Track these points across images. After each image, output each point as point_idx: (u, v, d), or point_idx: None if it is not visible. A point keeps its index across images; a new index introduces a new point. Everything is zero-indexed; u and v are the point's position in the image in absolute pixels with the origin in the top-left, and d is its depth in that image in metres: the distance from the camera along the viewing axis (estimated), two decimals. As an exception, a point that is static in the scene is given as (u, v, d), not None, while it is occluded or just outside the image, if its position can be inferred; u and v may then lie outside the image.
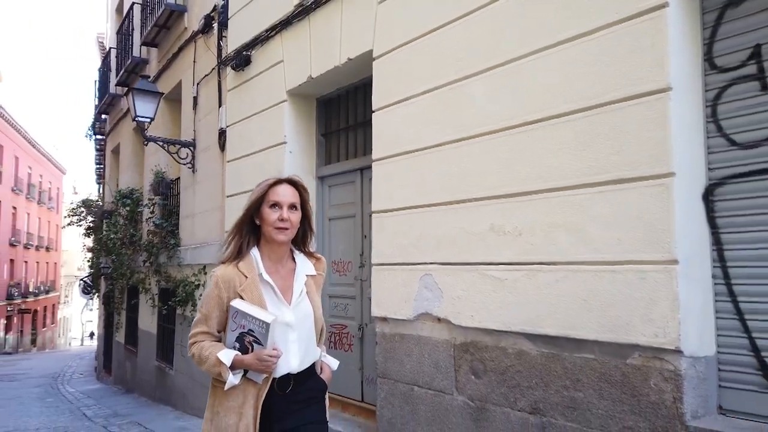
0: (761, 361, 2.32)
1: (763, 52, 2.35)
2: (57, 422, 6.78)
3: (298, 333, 2.06)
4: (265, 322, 1.93)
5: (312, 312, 2.12)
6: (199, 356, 2.03)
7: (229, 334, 2.02)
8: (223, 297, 2.02)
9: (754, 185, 2.35)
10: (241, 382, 1.99)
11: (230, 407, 1.99)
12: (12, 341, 29.38)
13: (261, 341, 1.95)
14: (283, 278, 2.10)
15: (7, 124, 28.32)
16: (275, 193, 2.05)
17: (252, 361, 1.95)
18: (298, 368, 2.05)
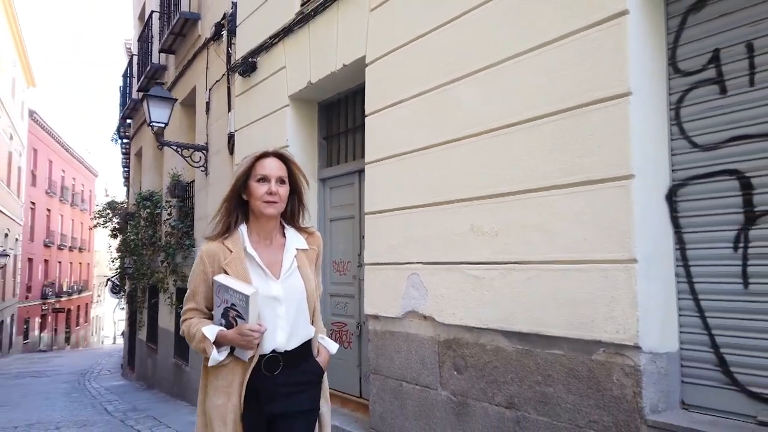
0: (721, 358, 2.38)
1: (721, 56, 2.41)
2: (78, 416, 7.09)
3: (287, 307, 1.98)
4: (244, 295, 1.85)
5: (303, 287, 2.04)
6: (188, 333, 1.98)
7: (216, 310, 1.97)
8: (208, 272, 1.97)
9: (714, 186, 2.42)
10: (229, 360, 1.92)
11: (218, 387, 1.94)
12: (47, 339, 30.31)
13: (243, 315, 1.87)
14: (272, 253, 2.03)
15: (41, 128, 29.23)
16: (262, 166, 1.98)
17: (234, 336, 1.87)
18: (286, 345, 1.97)
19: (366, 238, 4.03)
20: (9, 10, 21.01)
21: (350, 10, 4.30)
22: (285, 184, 2.02)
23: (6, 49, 21.30)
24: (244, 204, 2.04)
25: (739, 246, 2.34)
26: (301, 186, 2.10)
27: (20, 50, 24.09)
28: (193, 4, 7.76)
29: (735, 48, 2.37)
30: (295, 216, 2.13)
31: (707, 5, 2.47)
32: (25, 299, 26.40)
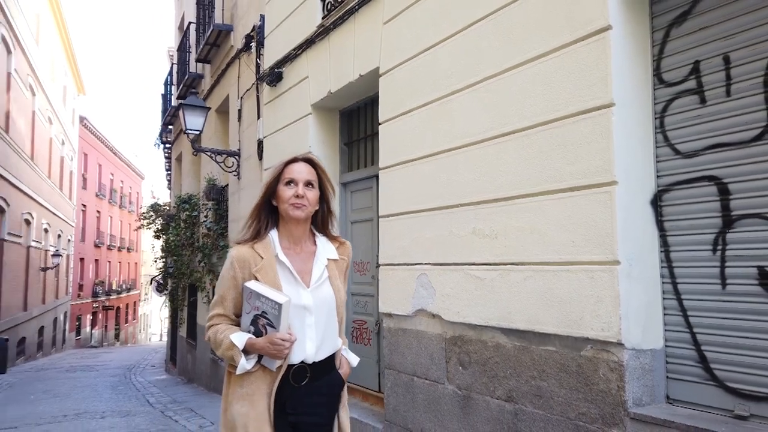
0: (701, 355, 2.50)
1: (701, 67, 2.53)
2: (122, 407, 7.55)
3: (316, 317, 1.95)
4: (277, 303, 1.82)
5: (333, 297, 2.02)
6: (215, 339, 1.94)
7: (244, 316, 1.93)
8: (238, 277, 1.93)
9: (695, 191, 2.54)
10: (256, 369, 1.89)
11: (242, 395, 1.89)
12: (97, 336, 31.64)
13: (274, 324, 1.84)
14: (302, 261, 2.00)
15: (91, 134, 30.54)
16: (290, 170, 1.98)
17: (264, 345, 1.83)
18: (315, 356, 1.95)
19: (380, 240, 4.25)
20: (60, 22, 22.09)
21: (365, 23, 4.53)
22: (314, 188, 2.00)
23: (58, 60, 22.39)
24: (274, 210, 2.03)
25: (717, 248, 2.46)
26: (329, 193, 2.07)
27: (71, 59, 25.27)
28: (226, 16, 8.13)
29: (713, 60, 2.49)
30: (326, 223, 2.10)
31: (688, 19, 2.59)
32: (77, 297, 27.63)
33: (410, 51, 3.95)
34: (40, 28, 18.73)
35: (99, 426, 6.11)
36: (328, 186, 2.07)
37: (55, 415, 6.88)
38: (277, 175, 2.00)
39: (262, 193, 2.03)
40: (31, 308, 17.82)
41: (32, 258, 17.71)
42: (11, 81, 14.77)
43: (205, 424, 5.96)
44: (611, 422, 2.55)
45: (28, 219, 17.13)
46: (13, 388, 10.18)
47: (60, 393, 9.28)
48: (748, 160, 2.36)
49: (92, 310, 30.88)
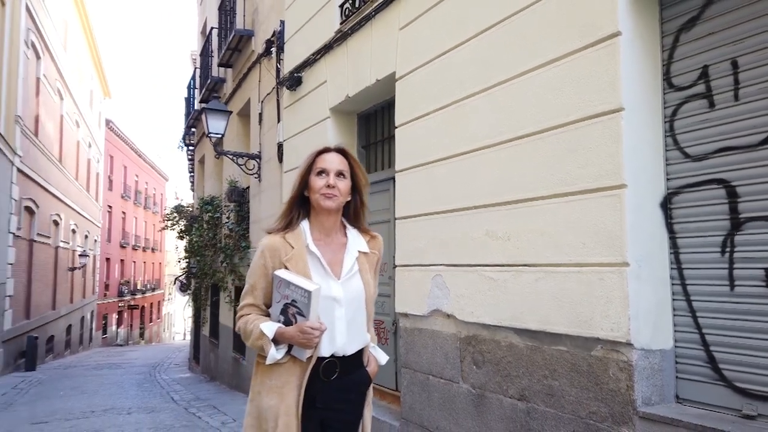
0: (710, 355, 2.54)
1: (710, 72, 2.57)
2: (148, 403, 7.76)
3: (346, 310, 1.94)
4: (307, 291, 1.81)
5: (363, 291, 2.00)
6: (245, 330, 1.94)
7: (274, 306, 1.93)
8: (269, 266, 1.93)
9: (704, 194, 2.58)
10: (285, 359, 1.88)
11: (272, 387, 1.89)
12: (123, 334, 32.24)
13: (304, 312, 1.83)
14: (333, 252, 1.99)
15: (116, 136, 31.15)
16: (322, 160, 1.96)
17: (294, 334, 1.82)
18: (344, 350, 1.94)
19: (396, 242, 4.34)
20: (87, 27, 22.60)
21: (382, 28, 4.62)
22: (345, 178, 1.98)
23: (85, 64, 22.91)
24: (306, 201, 2.01)
25: (726, 251, 2.49)
26: (362, 183, 2.04)
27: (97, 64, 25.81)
28: (248, 22, 8.29)
29: (721, 64, 2.52)
30: (358, 215, 2.08)
31: (697, 24, 2.63)
32: (103, 296, 28.19)
33: (425, 56, 4.03)
34: (68, 33, 19.20)
35: (126, 421, 6.29)
36: (361, 177, 2.03)
37: (83, 411, 7.10)
38: (309, 165, 1.98)
39: (296, 185, 1.99)
40: (60, 307, 18.27)
41: (60, 258, 18.16)
42: (40, 86, 15.18)
43: (228, 420, 6.11)
44: (621, 421, 2.60)
45: (57, 220, 17.58)
46: (42, 385, 10.49)
47: (88, 389, 9.54)
48: (756, 164, 2.39)
49: (118, 309, 31.46)
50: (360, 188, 2.04)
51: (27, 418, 6.82)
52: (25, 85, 13.38)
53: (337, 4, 5.40)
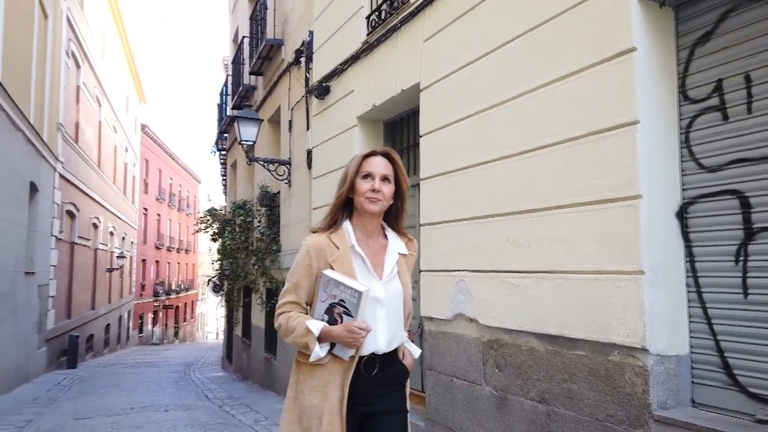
0: (725, 361, 2.61)
1: (724, 85, 2.64)
2: (183, 401, 8.05)
3: (387, 310, 1.99)
4: (358, 291, 1.85)
5: (402, 291, 2.05)
6: (286, 326, 1.96)
7: (319, 305, 1.95)
8: (314, 266, 1.96)
9: (719, 204, 2.65)
10: (327, 359, 1.92)
11: (314, 386, 1.92)
12: (158, 333, 33.05)
13: (351, 312, 1.87)
14: (374, 253, 2.03)
15: (151, 141, 31.97)
16: (368, 163, 2.00)
17: (341, 333, 1.86)
18: (385, 348, 1.99)
19: (421, 247, 4.47)
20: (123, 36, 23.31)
21: (407, 40, 4.76)
22: (390, 183, 2.03)
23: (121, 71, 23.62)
24: (349, 202, 2.05)
25: (739, 259, 2.56)
26: (404, 188, 2.09)
27: (133, 70, 26.57)
28: (278, 31, 8.52)
29: (735, 78, 2.59)
30: (399, 219, 2.14)
31: (711, 39, 2.70)
32: (139, 296, 28.96)
33: (449, 67, 4.15)
34: (106, 42, 19.85)
35: (163, 418, 6.57)
36: (404, 182, 2.09)
37: (123, 408, 7.41)
38: (356, 168, 2.01)
39: (343, 187, 2.03)
40: (99, 307, 18.89)
41: (99, 260, 18.78)
42: (80, 94, 15.76)
43: (260, 419, 6.32)
44: (636, 424, 2.69)
45: (96, 223, 18.19)
46: (84, 382, 10.92)
47: (127, 387, 9.91)
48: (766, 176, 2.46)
49: (153, 308, 32.25)
50: (402, 192, 2.10)
51: (71, 413, 7.16)
52: (66, 94, 13.92)
53: (364, 15, 5.56)
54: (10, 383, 9.54)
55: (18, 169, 9.48)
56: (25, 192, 10.10)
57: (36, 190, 10.99)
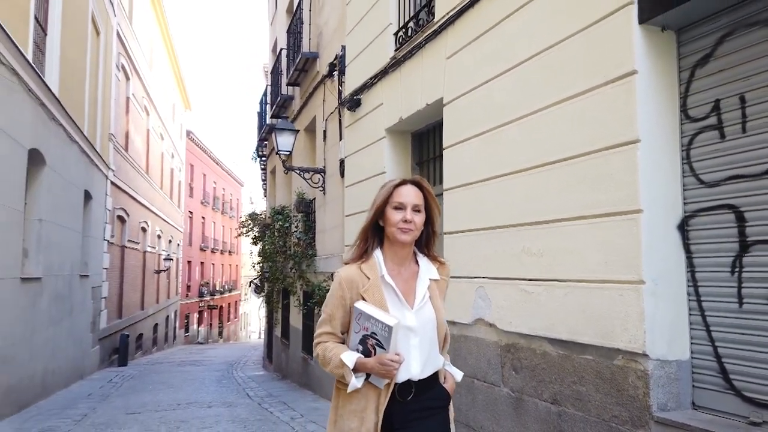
0: (722, 366, 2.76)
1: (721, 105, 2.79)
2: (225, 398, 8.47)
3: (420, 338, 2.01)
4: (387, 325, 1.90)
5: (435, 317, 2.07)
6: (323, 357, 2.03)
7: (353, 335, 2.01)
8: (346, 298, 2.01)
9: (717, 218, 2.80)
10: (363, 386, 1.97)
11: (352, 411, 1.99)
12: (203, 333, 34.08)
13: (383, 345, 1.92)
14: (405, 281, 2.06)
15: (196, 146, 33.06)
16: (399, 194, 2.02)
17: (374, 365, 1.92)
18: (420, 375, 2.01)
19: (444, 255, 4.70)
20: (170, 48, 24.27)
21: (431, 57, 5.00)
22: (421, 212, 2.04)
23: (168, 80, 24.58)
24: (379, 229, 2.08)
25: (735, 270, 2.71)
26: (435, 215, 2.11)
27: (178, 79, 27.58)
28: (313, 44, 8.87)
29: (732, 99, 2.74)
30: (430, 244, 2.15)
31: (710, 61, 2.85)
32: (185, 297, 29.96)
33: (468, 84, 4.37)
34: (153, 53, 20.73)
35: (207, 414, 6.97)
36: (435, 208, 2.10)
37: (170, 404, 7.88)
38: (386, 197, 2.03)
39: (371, 214, 2.07)
40: (147, 307, 19.75)
41: (147, 262, 19.63)
42: (129, 104, 16.56)
43: (296, 416, 6.65)
44: (638, 424, 2.86)
45: (144, 227, 19.03)
46: (134, 379, 11.53)
47: (173, 384, 10.44)
48: (761, 191, 2.60)
49: (198, 309, 33.26)
50: (433, 219, 2.10)
51: (123, 408, 7.66)
52: (117, 105, 14.67)
53: (392, 32, 5.82)
54: (67, 380, 10.20)
55: (74, 179, 10.13)
56: (80, 200, 10.77)
57: (90, 198, 11.68)
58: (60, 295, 9.48)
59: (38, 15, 7.93)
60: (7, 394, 7.09)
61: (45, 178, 8.31)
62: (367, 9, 6.41)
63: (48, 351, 8.89)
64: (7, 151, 6.66)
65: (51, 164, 8.50)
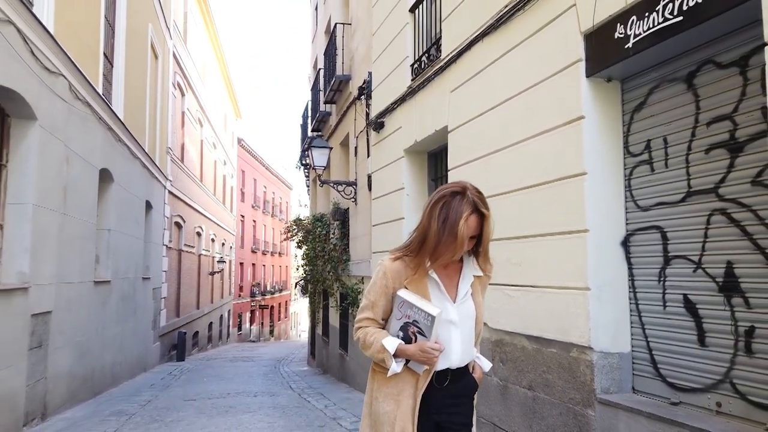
0: (653, 358, 3.38)
1: (651, 144, 3.41)
2: (270, 389, 9.39)
3: (461, 331, 2.08)
4: (430, 315, 1.95)
5: (475, 312, 2.14)
6: (364, 341, 2.09)
7: (394, 322, 2.06)
8: (390, 286, 2.06)
9: (649, 236, 3.42)
10: (402, 371, 2.03)
11: (388, 394, 2.05)
12: (255, 331, 35.58)
13: (425, 333, 1.97)
14: (448, 276, 2.11)
15: (247, 153, 34.60)
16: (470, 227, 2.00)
17: (415, 352, 1.98)
18: (458, 364, 2.09)
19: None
20: (222, 62, 25.72)
21: (438, 89, 5.71)
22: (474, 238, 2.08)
23: (220, 92, 26.04)
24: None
25: (660, 279, 3.33)
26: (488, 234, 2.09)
27: (230, 90, 29.09)
28: (346, 66, 9.70)
29: (658, 140, 3.36)
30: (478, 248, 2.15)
31: (644, 108, 3.48)
32: (238, 297, 31.45)
33: (467, 116, 5.07)
34: (206, 69, 22.12)
35: (252, 401, 7.89)
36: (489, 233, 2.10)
37: (221, 393, 8.85)
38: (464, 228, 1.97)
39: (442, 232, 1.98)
40: (203, 307, 21.12)
41: (202, 264, 21.00)
42: (185, 118, 17.88)
43: (329, 404, 7.47)
44: (587, 405, 3.51)
45: (199, 231, 20.39)
46: (190, 372, 12.67)
47: (225, 377, 11.49)
48: (679, 216, 3.22)
49: (250, 308, 34.72)
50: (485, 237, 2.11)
51: (181, 396, 8.68)
52: (173, 120, 15.95)
53: (409, 64, 6.56)
54: (132, 372, 11.41)
55: (137, 191, 11.31)
56: (142, 210, 11.97)
57: (150, 207, 12.89)
58: (125, 296, 10.65)
59: (106, 51, 9.06)
60: (84, 382, 8.22)
61: (113, 193, 9.46)
62: (389, 41, 7.18)
63: (116, 345, 10.05)
64: (83, 174, 7.76)
65: (117, 180, 9.64)
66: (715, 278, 2.98)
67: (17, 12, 5.43)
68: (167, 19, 14.75)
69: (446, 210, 2.00)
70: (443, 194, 2.04)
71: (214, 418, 6.57)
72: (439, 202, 2.02)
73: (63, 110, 6.86)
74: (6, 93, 5.45)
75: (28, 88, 5.79)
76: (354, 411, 6.76)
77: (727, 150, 2.93)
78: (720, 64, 2.99)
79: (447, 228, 1.98)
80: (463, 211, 1.98)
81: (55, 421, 6.63)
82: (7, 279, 5.80)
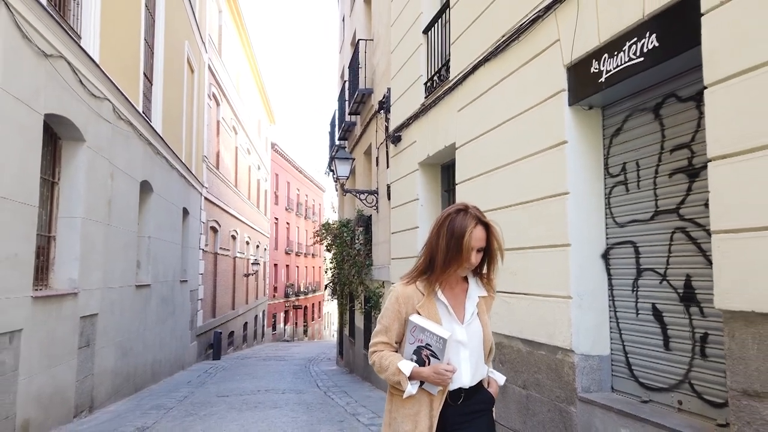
0: (627, 360, 3.74)
1: (626, 167, 3.77)
2: (298, 387, 9.94)
3: (470, 351, 2.16)
4: (442, 338, 2.04)
5: (482, 332, 2.23)
6: (380, 365, 2.16)
7: (407, 346, 2.15)
8: (402, 312, 2.16)
9: (624, 250, 3.78)
10: (417, 392, 2.11)
11: (406, 414, 2.13)
12: (289, 331, 36.43)
13: (437, 355, 2.06)
14: (455, 297, 2.21)
15: (280, 157, 35.48)
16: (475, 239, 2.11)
17: (429, 374, 2.06)
18: (469, 383, 2.16)
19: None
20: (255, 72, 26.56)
21: (447, 107, 6.12)
22: (481, 252, 2.17)
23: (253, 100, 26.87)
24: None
25: (633, 289, 3.69)
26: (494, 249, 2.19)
27: (263, 97, 29.94)
28: (368, 81, 10.18)
29: (632, 163, 3.72)
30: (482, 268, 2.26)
31: (620, 133, 3.84)
32: (272, 297, 32.28)
33: (471, 135, 5.47)
34: (240, 78, 22.93)
35: (280, 398, 8.43)
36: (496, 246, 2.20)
37: (252, 390, 9.44)
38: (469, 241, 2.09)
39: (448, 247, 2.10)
40: (238, 307, 21.92)
41: (237, 266, 21.80)
42: (220, 127, 18.66)
43: (351, 402, 7.95)
44: (569, 402, 3.89)
45: (234, 235, 21.18)
46: (225, 371, 13.35)
47: (257, 375, 12.11)
48: (646, 233, 3.57)
49: (284, 308, 35.54)
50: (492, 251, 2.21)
51: (215, 392, 9.30)
52: (209, 130, 16.72)
53: (423, 82, 6.99)
54: (171, 370, 12.13)
55: (175, 199, 12.03)
56: (179, 216, 12.69)
57: (187, 214, 13.63)
58: (165, 298, 11.35)
59: (146, 71, 9.75)
60: (128, 378, 8.91)
61: (152, 203, 10.15)
62: (405, 59, 7.62)
63: (156, 345, 10.76)
64: (126, 187, 8.44)
65: (157, 190, 10.34)
66: (677, 289, 3.34)
67: (67, 47, 6.07)
68: (203, 34, 15.50)
69: (452, 225, 2.14)
70: (448, 213, 2.20)
71: (244, 412, 7.12)
72: (446, 221, 2.16)
73: (107, 131, 7.53)
74: (59, 120, 6.11)
75: (78, 114, 6.44)
76: (373, 408, 7.22)
77: (686, 175, 3.28)
78: (680, 98, 3.34)
79: (454, 240, 2.11)
80: (468, 224, 2.13)
81: (101, 414, 7.30)
82: (60, 285, 6.47)
